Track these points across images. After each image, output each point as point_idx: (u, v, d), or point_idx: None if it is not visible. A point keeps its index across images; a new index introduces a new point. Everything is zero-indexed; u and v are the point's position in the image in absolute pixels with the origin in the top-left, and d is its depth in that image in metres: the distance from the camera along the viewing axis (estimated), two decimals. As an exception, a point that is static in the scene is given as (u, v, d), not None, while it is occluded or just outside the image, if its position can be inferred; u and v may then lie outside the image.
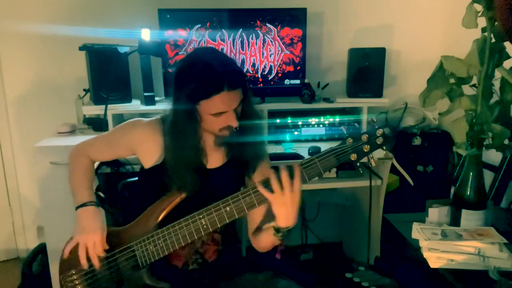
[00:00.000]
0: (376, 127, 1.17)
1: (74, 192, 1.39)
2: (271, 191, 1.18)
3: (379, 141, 1.16)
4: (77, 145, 1.47)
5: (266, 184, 1.20)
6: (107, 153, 1.45)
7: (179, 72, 1.26)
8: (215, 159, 1.38)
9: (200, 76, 1.20)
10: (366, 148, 1.17)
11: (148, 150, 1.35)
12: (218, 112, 1.23)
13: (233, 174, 1.39)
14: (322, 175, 1.20)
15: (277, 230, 1.24)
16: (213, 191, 1.31)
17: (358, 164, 1.20)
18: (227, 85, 1.19)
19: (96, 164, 1.57)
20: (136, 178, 1.56)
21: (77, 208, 1.35)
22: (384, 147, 1.18)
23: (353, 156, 1.18)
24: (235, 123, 1.26)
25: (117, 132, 1.42)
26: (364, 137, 1.17)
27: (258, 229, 1.38)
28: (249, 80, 1.32)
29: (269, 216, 1.31)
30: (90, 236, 1.30)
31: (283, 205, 1.18)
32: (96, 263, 1.31)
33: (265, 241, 1.33)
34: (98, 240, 1.30)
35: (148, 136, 1.34)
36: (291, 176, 1.17)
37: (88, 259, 1.34)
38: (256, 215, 1.38)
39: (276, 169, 1.21)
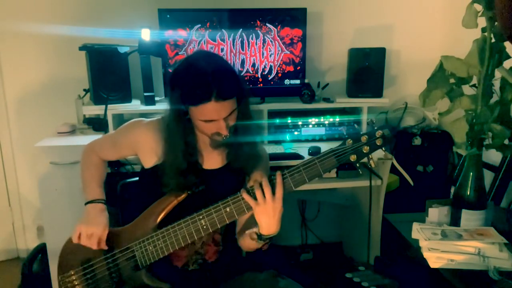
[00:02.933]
0: (376, 128, 1.18)
1: (85, 188, 1.41)
2: (255, 198, 1.19)
3: (379, 142, 1.17)
4: (88, 144, 1.50)
5: (251, 191, 1.20)
6: (112, 153, 1.46)
7: (174, 74, 1.27)
8: (215, 160, 1.38)
9: (190, 82, 1.20)
10: (366, 149, 1.17)
11: (148, 150, 1.35)
12: (206, 119, 1.23)
13: (233, 175, 1.39)
14: (322, 175, 1.21)
15: (259, 237, 1.25)
16: (213, 192, 1.31)
17: (358, 165, 1.20)
18: (216, 95, 1.17)
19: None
20: (136, 178, 1.56)
21: (86, 203, 1.37)
22: (383, 148, 1.18)
23: (353, 157, 1.18)
24: (224, 132, 1.25)
25: (119, 132, 1.44)
26: (364, 138, 1.17)
27: (243, 231, 1.38)
28: (246, 88, 1.31)
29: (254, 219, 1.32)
30: (92, 228, 1.31)
31: (265, 214, 1.19)
32: (95, 246, 1.31)
33: (249, 244, 1.33)
34: (97, 234, 1.31)
35: (148, 136, 1.35)
36: (273, 184, 1.18)
37: (87, 259, 1.34)
38: (242, 217, 1.38)
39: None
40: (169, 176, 1.29)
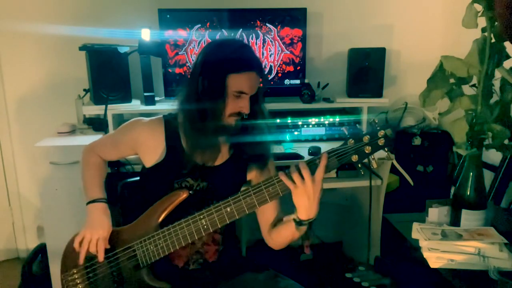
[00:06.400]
0: (378, 128, 1.16)
1: (86, 188, 1.41)
2: (293, 181, 1.16)
3: (381, 142, 1.15)
4: (88, 144, 1.50)
5: (288, 174, 1.18)
6: (113, 153, 1.47)
7: (214, 46, 1.32)
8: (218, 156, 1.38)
9: (239, 50, 1.28)
10: (368, 149, 1.16)
11: (149, 149, 1.35)
12: (241, 90, 1.25)
13: (234, 171, 1.39)
14: (323, 176, 1.20)
15: (299, 223, 1.22)
16: (215, 188, 1.30)
17: (359, 165, 1.20)
18: (257, 69, 1.27)
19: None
20: (136, 178, 1.57)
21: (88, 203, 1.37)
22: (386, 149, 1.18)
23: (354, 158, 1.17)
24: (247, 110, 1.27)
25: (119, 132, 1.44)
26: (366, 138, 1.16)
27: (274, 226, 1.36)
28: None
29: (282, 211, 1.33)
30: (97, 232, 1.31)
31: (305, 196, 1.16)
32: (102, 256, 1.32)
33: (284, 236, 1.31)
34: (103, 237, 1.31)
35: (149, 135, 1.35)
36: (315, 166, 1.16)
37: (89, 258, 1.35)
38: (268, 213, 1.37)
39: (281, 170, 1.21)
40: (188, 156, 1.30)
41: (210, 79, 1.26)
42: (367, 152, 1.17)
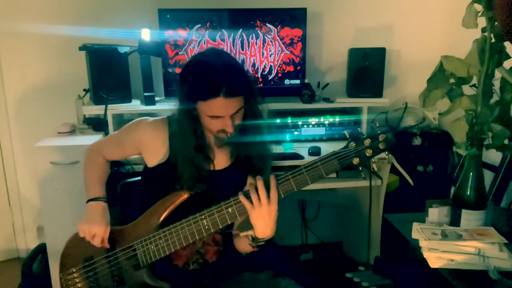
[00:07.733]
0: (379, 132, 1.19)
1: (87, 186, 1.41)
2: (251, 202, 1.18)
3: (382, 146, 1.18)
4: (91, 144, 1.50)
5: (248, 194, 1.20)
6: (117, 152, 1.47)
7: (184, 69, 1.28)
8: (219, 160, 1.38)
9: (200, 77, 1.22)
10: (369, 152, 1.18)
11: (152, 149, 1.35)
12: (214, 115, 1.23)
13: (236, 176, 1.39)
14: (325, 177, 1.21)
15: (254, 240, 1.26)
16: (216, 193, 1.31)
17: (360, 168, 1.21)
18: (224, 92, 1.19)
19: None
20: (136, 178, 1.57)
21: (88, 201, 1.37)
22: (386, 152, 1.19)
23: (356, 160, 1.19)
24: (229, 129, 1.26)
25: (123, 131, 1.44)
26: (367, 142, 1.18)
27: (237, 232, 1.38)
28: (255, 87, 1.33)
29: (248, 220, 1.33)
30: (94, 227, 1.31)
31: (261, 217, 1.19)
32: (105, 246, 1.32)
33: (244, 246, 1.34)
34: (100, 233, 1.31)
35: (152, 135, 1.35)
36: (268, 188, 1.18)
37: (88, 257, 1.35)
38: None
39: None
40: (182, 168, 1.29)
41: (182, 105, 1.27)
42: (368, 155, 1.19)
